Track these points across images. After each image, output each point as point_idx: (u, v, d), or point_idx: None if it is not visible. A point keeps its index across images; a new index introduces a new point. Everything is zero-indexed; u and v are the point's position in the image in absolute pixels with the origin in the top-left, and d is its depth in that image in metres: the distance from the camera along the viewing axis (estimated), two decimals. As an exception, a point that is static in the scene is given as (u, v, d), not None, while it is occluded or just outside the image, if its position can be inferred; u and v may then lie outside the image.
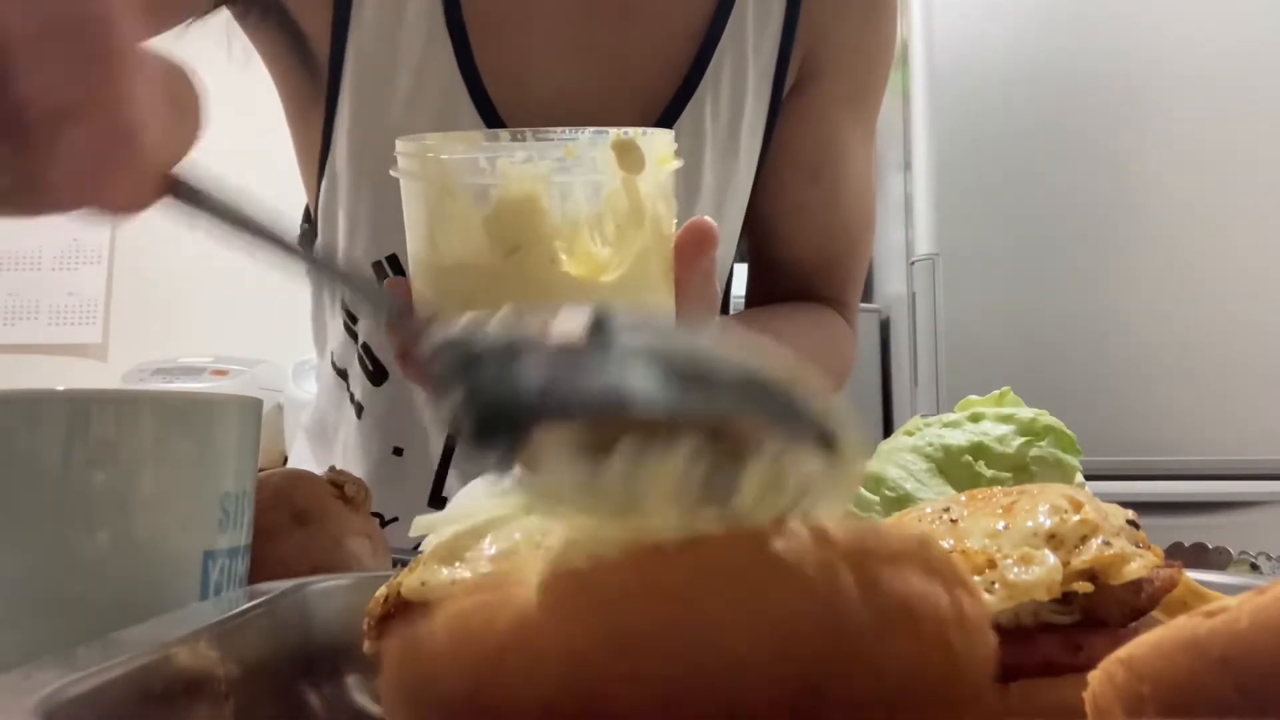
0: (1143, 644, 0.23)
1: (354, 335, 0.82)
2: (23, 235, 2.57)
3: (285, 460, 2.06)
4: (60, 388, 0.38)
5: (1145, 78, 1.84)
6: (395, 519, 0.83)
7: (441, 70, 0.74)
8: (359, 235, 0.78)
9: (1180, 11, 1.84)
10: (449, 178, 0.49)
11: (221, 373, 2.18)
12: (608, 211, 0.50)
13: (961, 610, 0.23)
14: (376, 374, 0.81)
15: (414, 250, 0.51)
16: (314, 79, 0.77)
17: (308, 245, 0.35)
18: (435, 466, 0.82)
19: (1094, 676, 0.25)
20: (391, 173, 0.51)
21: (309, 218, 0.85)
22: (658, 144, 0.50)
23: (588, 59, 0.76)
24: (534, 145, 0.48)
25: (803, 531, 0.22)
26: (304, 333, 0.97)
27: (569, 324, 0.25)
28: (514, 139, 0.49)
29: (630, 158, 0.49)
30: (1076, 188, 1.83)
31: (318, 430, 0.91)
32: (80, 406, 0.38)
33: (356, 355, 0.81)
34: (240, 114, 1.51)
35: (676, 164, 0.52)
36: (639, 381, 0.24)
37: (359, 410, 0.83)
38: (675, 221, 0.54)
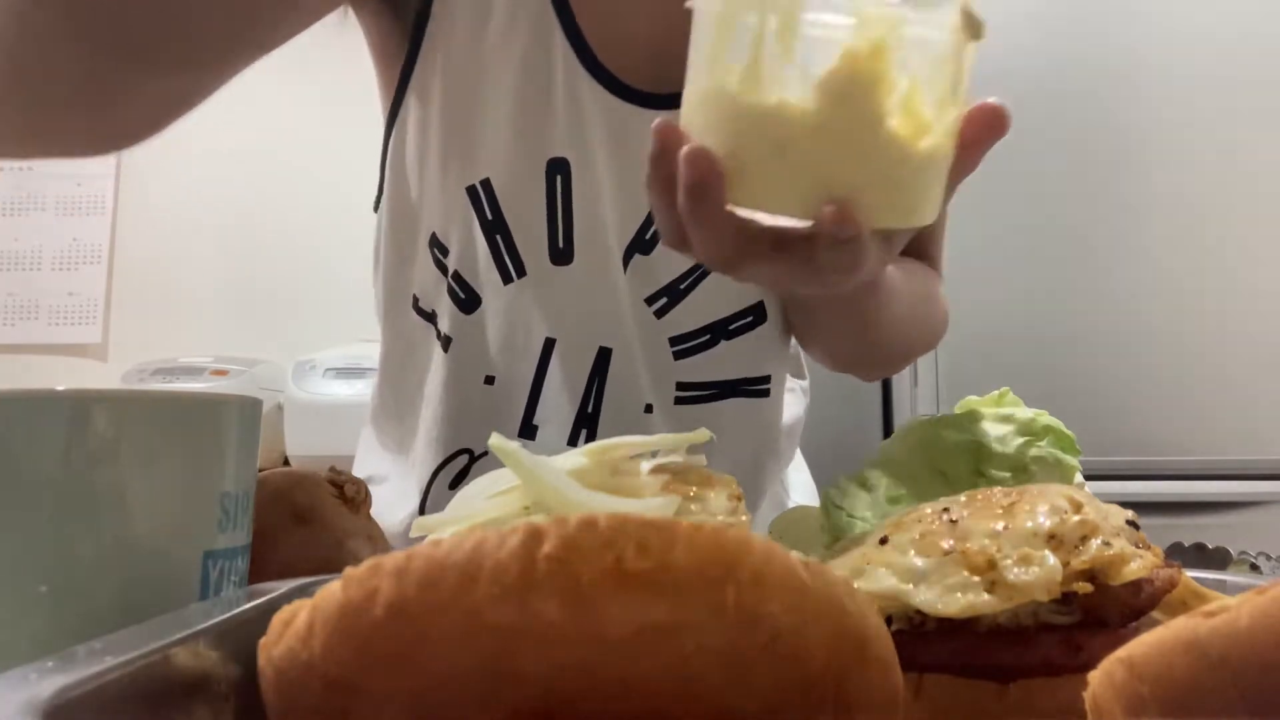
0: (1143, 644, 0.23)
1: (444, 268, 0.82)
2: (23, 235, 2.57)
3: (285, 460, 2.06)
4: (60, 388, 0.38)
5: (1146, 77, 1.84)
6: (485, 454, 0.82)
7: (533, 1, 0.76)
8: (451, 164, 0.78)
9: (1181, 12, 1.84)
10: (798, 8, 0.42)
11: (221, 373, 2.18)
12: (937, 75, 0.45)
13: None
14: (468, 301, 0.81)
15: (717, 84, 0.44)
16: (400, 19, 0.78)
17: None
18: (529, 391, 0.81)
19: (1094, 676, 0.25)
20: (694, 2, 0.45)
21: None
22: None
23: None
24: None
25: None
26: (304, 333, 0.96)
27: None
28: None
29: (974, 23, 0.45)
30: (1077, 188, 1.83)
31: (392, 392, 0.90)
32: (80, 406, 0.38)
33: (446, 287, 0.82)
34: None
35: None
36: None
37: (446, 344, 0.83)
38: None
